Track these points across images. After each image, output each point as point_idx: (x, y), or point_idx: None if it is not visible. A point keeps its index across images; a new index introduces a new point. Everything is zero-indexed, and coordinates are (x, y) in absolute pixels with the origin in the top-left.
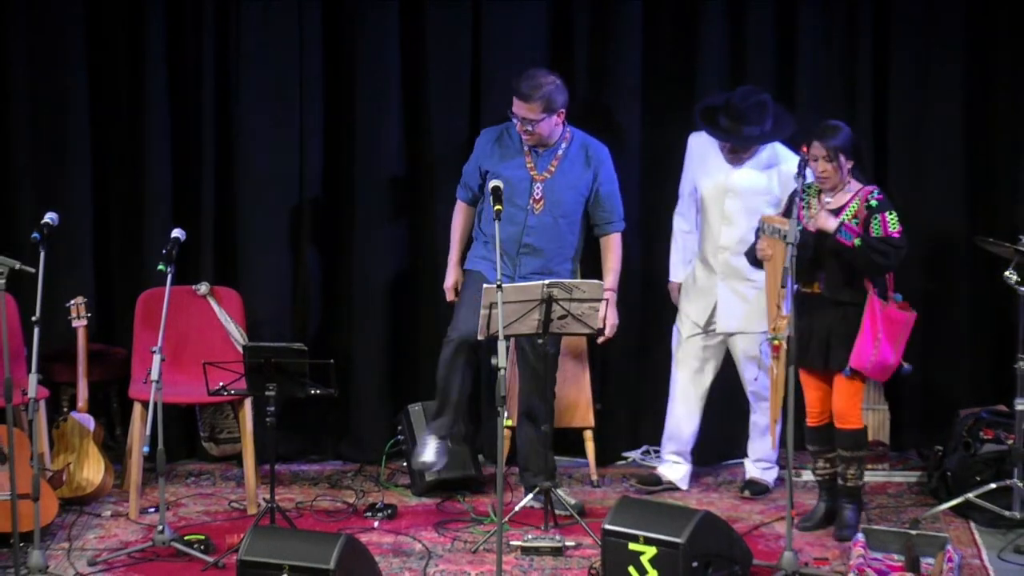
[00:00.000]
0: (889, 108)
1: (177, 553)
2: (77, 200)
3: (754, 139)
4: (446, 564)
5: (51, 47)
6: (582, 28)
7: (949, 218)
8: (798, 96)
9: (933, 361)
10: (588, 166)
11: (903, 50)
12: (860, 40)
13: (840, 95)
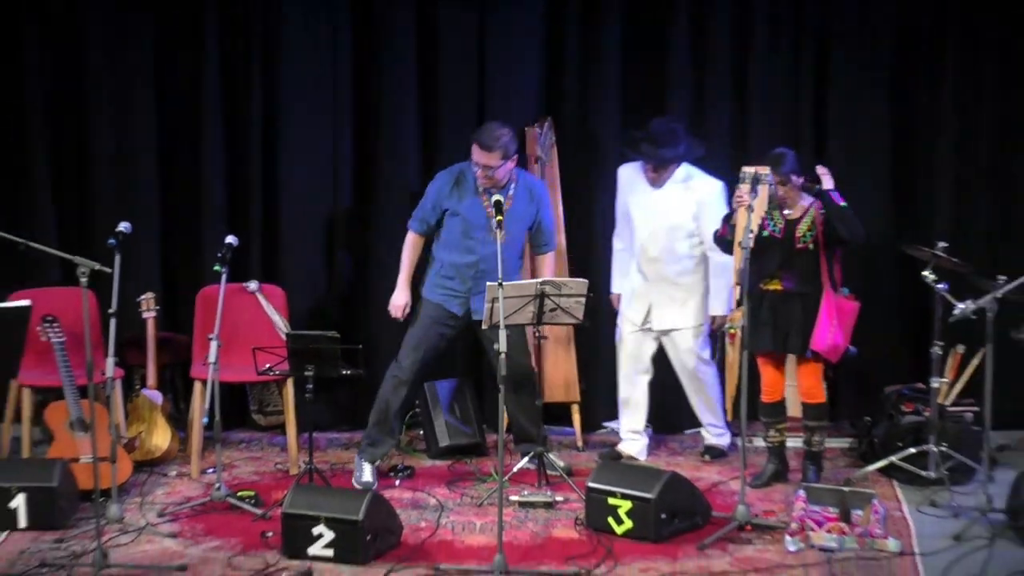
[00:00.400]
0: (828, 133)
1: (231, 507)
2: (146, 211)
3: (670, 159)
4: (456, 516)
5: (126, 81)
6: (571, 64)
7: (879, 225)
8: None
9: (864, 346)
10: (532, 202)
11: (838, 85)
12: (803, 79)
13: (788, 121)
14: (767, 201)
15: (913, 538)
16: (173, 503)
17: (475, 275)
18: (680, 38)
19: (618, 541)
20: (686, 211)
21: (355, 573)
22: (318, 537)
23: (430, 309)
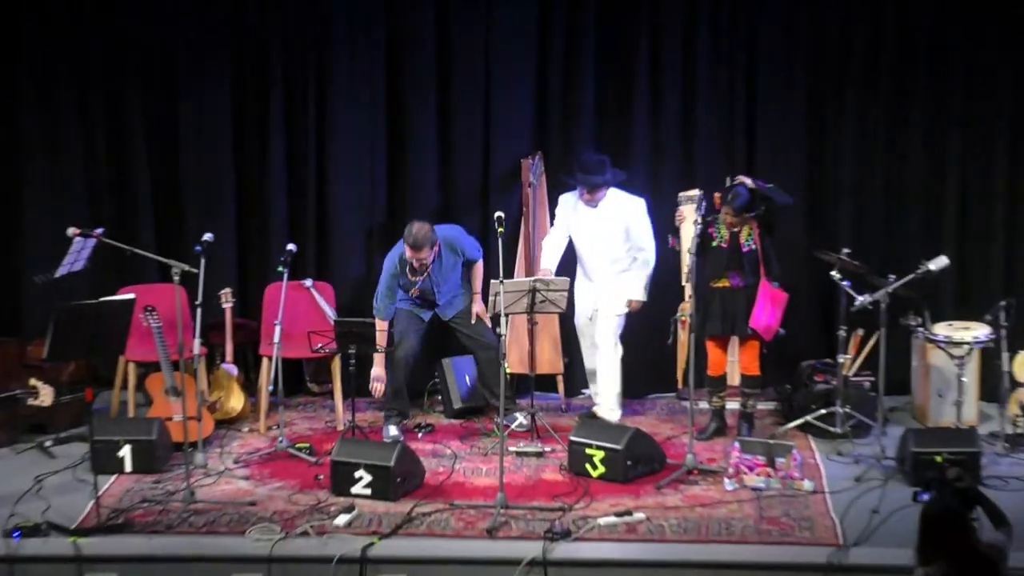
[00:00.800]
0: (756, 147)
1: (291, 455)
2: (224, 224)
3: (600, 184)
4: (467, 463)
5: (209, 120)
6: (556, 115)
7: (795, 232)
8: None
9: (787, 329)
10: (453, 251)
11: (764, 107)
12: (737, 104)
13: (725, 138)
14: (695, 216)
15: (824, 480)
16: (245, 453)
17: (427, 301)
18: (640, 88)
19: (593, 483)
20: (619, 225)
21: (388, 507)
22: (359, 479)
23: (404, 315)
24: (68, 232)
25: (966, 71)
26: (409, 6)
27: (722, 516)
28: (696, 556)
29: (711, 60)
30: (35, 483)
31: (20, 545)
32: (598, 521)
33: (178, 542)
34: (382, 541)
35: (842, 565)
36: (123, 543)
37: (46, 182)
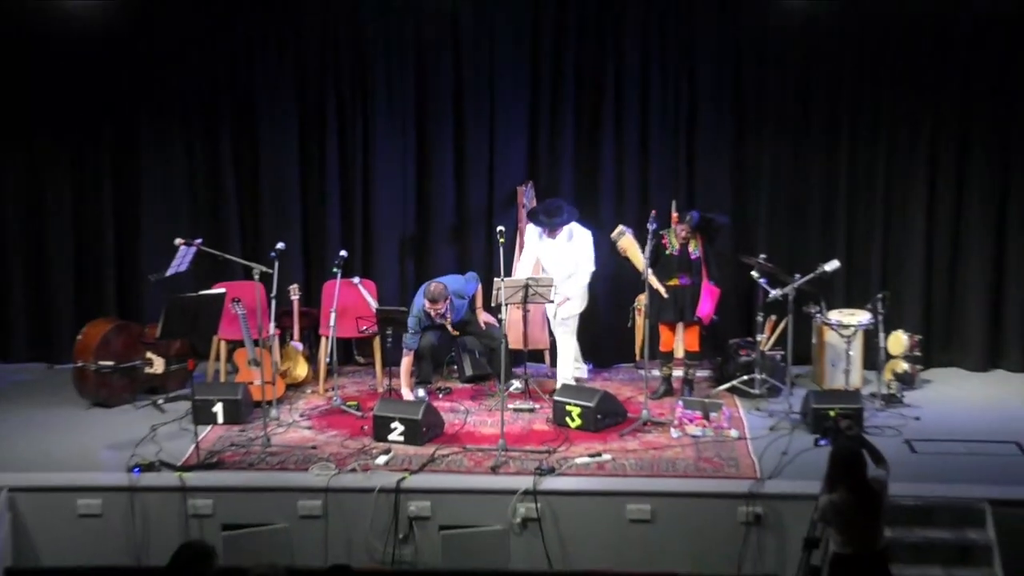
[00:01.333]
0: (695, 172)
1: (343, 411)
2: (292, 235)
3: (558, 224)
4: (476, 417)
5: (281, 155)
6: (544, 154)
7: (725, 242)
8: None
9: (720, 315)
10: (462, 298)
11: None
12: (680, 138)
13: (670, 166)
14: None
15: (746, 429)
16: (308, 409)
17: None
18: (607, 129)
19: (572, 432)
20: (572, 250)
21: (416, 450)
22: (394, 429)
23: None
24: (175, 242)
25: (852, 114)
26: (432, 65)
27: (669, 457)
28: (650, 487)
29: (661, 106)
30: (150, 431)
31: (139, 479)
32: (575, 461)
33: (257, 476)
34: (412, 476)
35: (759, 494)
36: (216, 477)
37: (159, 204)
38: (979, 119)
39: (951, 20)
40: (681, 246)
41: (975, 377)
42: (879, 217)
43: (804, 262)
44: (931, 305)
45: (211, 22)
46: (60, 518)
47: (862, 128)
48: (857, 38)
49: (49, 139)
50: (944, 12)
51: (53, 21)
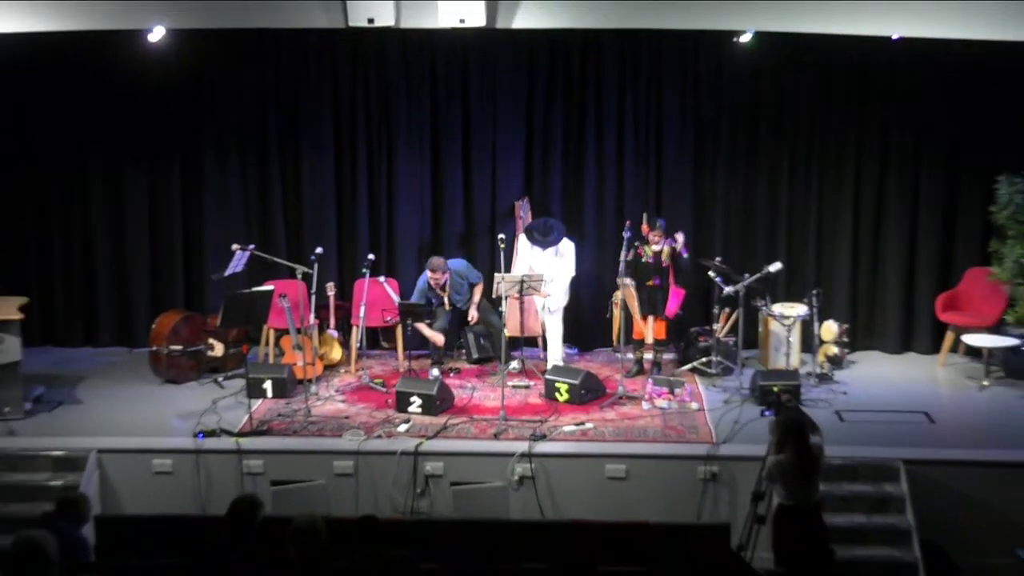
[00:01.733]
0: (663, 189)
1: (370, 387)
2: (329, 240)
3: (550, 243)
4: (480, 392)
5: (319, 169)
6: (538, 173)
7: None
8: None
9: (685, 309)
10: (462, 278)
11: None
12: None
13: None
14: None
15: (704, 402)
16: (342, 385)
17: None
18: (590, 154)
19: (561, 405)
20: (557, 262)
21: (431, 420)
22: (413, 402)
23: (439, 311)
24: (232, 247)
25: (790, 143)
26: (444, 102)
27: (641, 425)
28: (625, 451)
29: (633, 138)
30: (212, 404)
31: (203, 443)
32: (563, 428)
33: (300, 441)
34: (428, 441)
35: (715, 456)
36: (266, 442)
37: (219, 216)
38: (894, 145)
39: (871, 61)
40: (655, 255)
41: (891, 359)
42: (813, 227)
43: (752, 264)
44: (856, 299)
45: (261, 69)
46: (138, 475)
47: (799, 154)
48: (793, 80)
49: (130, 164)
50: (865, 51)
51: (136, 74)
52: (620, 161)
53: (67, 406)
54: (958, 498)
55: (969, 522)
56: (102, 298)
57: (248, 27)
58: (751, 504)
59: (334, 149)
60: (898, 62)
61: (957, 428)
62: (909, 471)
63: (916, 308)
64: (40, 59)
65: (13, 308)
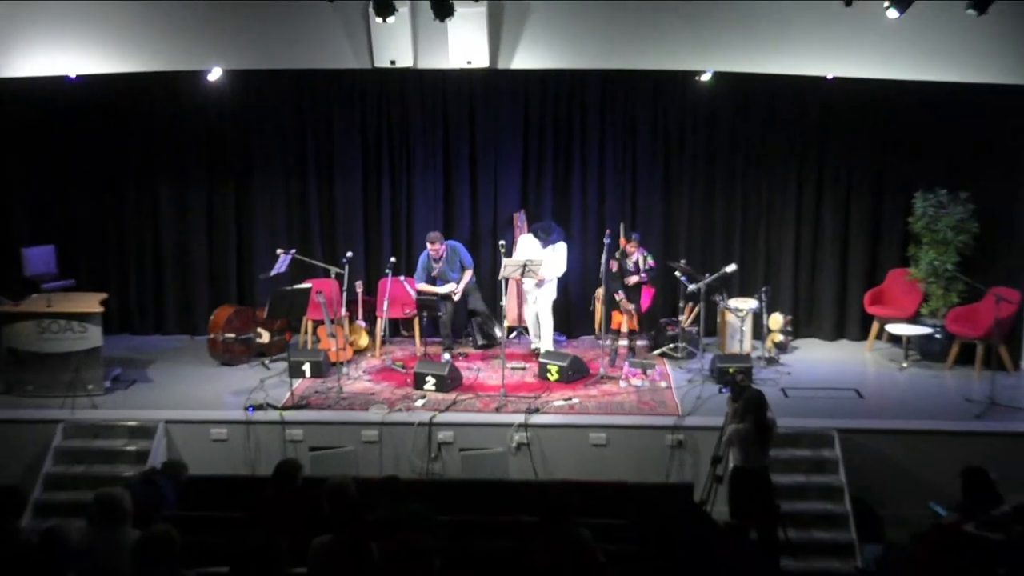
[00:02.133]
0: (637, 205)
1: (392, 369)
2: (357, 245)
3: (552, 240)
4: (484, 373)
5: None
6: (532, 190)
7: (658, 251)
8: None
9: (655, 303)
10: (456, 255)
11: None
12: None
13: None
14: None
15: (672, 381)
16: (368, 367)
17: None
18: (576, 175)
19: (552, 383)
20: (552, 254)
21: (443, 396)
22: (428, 381)
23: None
24: (277, 252)
25: (744, 163)
26: (455, 130)
27: (619, 400)
28: (605, 422)
29: (612, 160)
30: (260, 382)
31: (252, 415)
32: (553, 403)
33: (333, 414)
34: (440, 414)
35: (681, 426)
36: (305, 414)
37: (266, 225)
38: (828, 168)
39: (809, 97)
40: (635, 263)
41: (827, 345)
42: (762, 235)
43: (711, 266)
44: (798, 295)
45: (300, 102)
46: (199, 442)
47: (750, 175)
48: (745, 113)
49: (192, 182)
50: (804, 89)
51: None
52: (601, 180)
53: (139, 384)
54: (882, 461)
55: (890, 480)
56: (168, 293)
57: (290, 68)
58: (711, 466)
59: (361, 170)
60: (832, 98)
61: (882, 402)
62: (842, 438)
63: (847, 302)
64: (121, 95)
65: (95, 302)
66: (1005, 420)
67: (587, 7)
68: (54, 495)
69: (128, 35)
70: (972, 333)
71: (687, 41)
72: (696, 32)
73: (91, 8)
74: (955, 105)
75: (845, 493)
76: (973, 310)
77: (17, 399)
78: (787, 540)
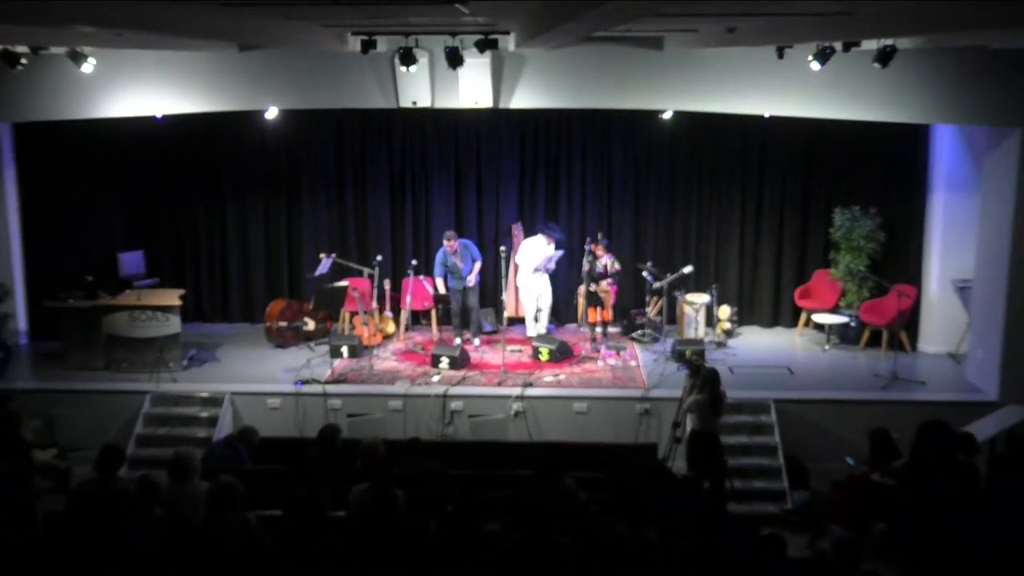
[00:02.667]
0: (612, 211)
1: (414, 351)
2: (385, 249)
3: (555, 237)
4: (488, 355)
5: (380, 203)
6: (528, 203)
7: (628, 256)
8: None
9: (623, 298)
10: (468, 251)
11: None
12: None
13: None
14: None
15: (640, 360)
16: (394, 350)
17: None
18: (563, 191)
19: (543, 363)
20: (546, 252)
21: (455, 373)
22: (443, 361)
23: (454, 292)
24: (320, 255)
25: (699, 184)
26: (464, 156)
27: (597, 376)
28: (586, 394)
29: (593, 180)
30: (306, 362)
31: (301, 389)
32: (544, 378)
33: (366, 387)
34: (452, 387)
35: (647, 397)
36: (343, 388)
37: (310, 232)
38: (767, 188)
39: (751, 131)
40: (604, 265)
41: (765, 331)
42: (713, 242)
43: (672, 267)
44: (742, 291)
45: (339, 133)
46: (257, 410)
47: (704, 194)
48: (698, 142)
49: (251, 197)
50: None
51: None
52: (583, 197)
53: (210, 363)
54: (808, 424)
55: (814, 440)
56: (232, 289)
57: (331, 107)
58: (672, 430)
59: (388, 188)
60: (769, 132)
61: (808, 377)
62: (776, 407)
63: (781, 297)
64: (195, 130)
65: (175, 297)
66: (904, 391)
67: (570, 60)
68: (144, 451)
69: (202, 82)
70: (879, 321)
71: (651, 86)
72: (659, 79)
73: (173, 59)
74: (866, 138)
75: (779, 450)
76: (880, 303)
77: (114, 374)
78: (733, 489)
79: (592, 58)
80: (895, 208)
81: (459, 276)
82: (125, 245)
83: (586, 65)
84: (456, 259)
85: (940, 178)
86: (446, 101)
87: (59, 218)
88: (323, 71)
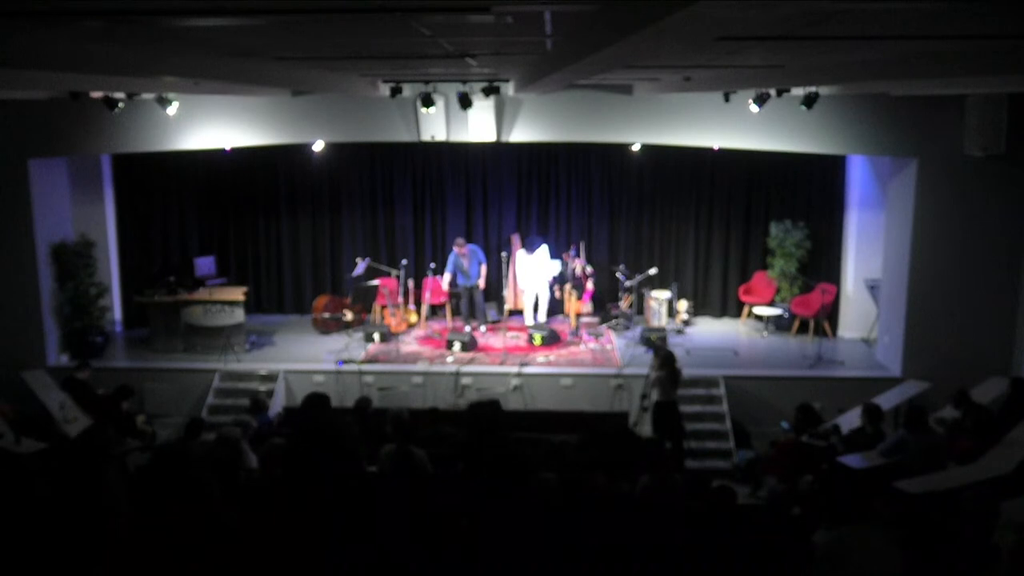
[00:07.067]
0: (592, 234)
1: (432, 337)
2: (409, 253)
3: (535, 247)
4: (492, 339)
5: (406, 214)
6: (525, 215)
7: (605, 260)
8: (573, 217)
9: (604, 292)
10: (476, 255)
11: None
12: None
13: (584, 214)
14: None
15: (615, 343)
16: (417, 336)
17: (466, 275)
18: (552, 206)
19: (536, 347)
20: (539, 263)
21: (465, 355)
22: (455, 345)
23: (463, 289)
24: (356, 259)
25: (664, 200)
26: (473, 179)
27: (579, 356)
28: (571, 371)
29: (577, 198)
30: (345, 346)
31: (341, 368)
32: (538, 359)
33: (394, 366)
34: (463, 366)
35: (621, 374)
36: (375, 367)
37: (349, 240)
38: (716, 206)
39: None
40: (582, 269)
41: (715, 321)
42: (673, 249)
43: (640, 268)
44: (696, 287)
45: (372, 160)
46: (306, 385)
47: (667, 210)
48: (661, 169)
49: (301, 211)
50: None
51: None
52: (568, 211)
53: (267, 346)
54: (751, 396)
55: (756, 408)
56: (286, 287)
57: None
58: (640, 401)
59: (411, 205)
60: (718, 160)
61: (750, 358)
62: (725, 381)
63: (728, 293)
64: (257, 158)
65: (239, 293)
66: (827, 369)
67: (558, 103)
68: (215, 418)
69: (262, 120)
70: (807, 313)
71: (623, 123)
72: (629, 118)
73: (239, 103)
74: (796, 166)
75: (727, 417)
76: (808, 298)
77: (191, 355)
78: (689, 448)
79: (575, 101)
80: (819, 222)
81: (468, 275)
82: (199, 251)
83: (570, 106)
84: (465, 261)
85: (854, 198)
86: (458, 135)
87: (146, 230)
88: (359, 111)
